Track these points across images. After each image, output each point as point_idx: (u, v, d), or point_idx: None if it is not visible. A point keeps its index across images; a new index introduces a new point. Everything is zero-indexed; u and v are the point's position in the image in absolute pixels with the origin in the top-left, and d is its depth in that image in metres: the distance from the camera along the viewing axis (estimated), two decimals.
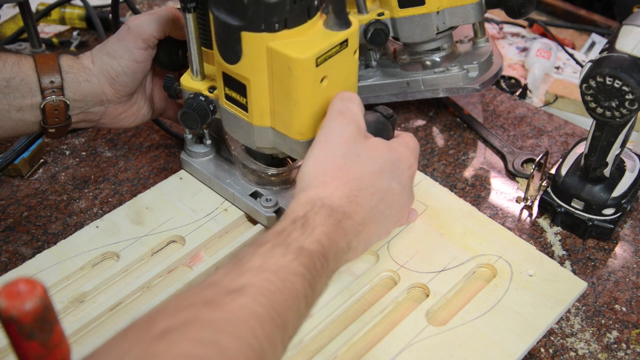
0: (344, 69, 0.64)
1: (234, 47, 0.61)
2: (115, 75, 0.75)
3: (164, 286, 0.69)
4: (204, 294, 0.48)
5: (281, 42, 0.60)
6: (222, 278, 0.49)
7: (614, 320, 0.74)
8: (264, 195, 0.74)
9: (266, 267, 0.50)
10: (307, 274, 0.52)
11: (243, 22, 0.59)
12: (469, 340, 0.63)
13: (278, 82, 0.62)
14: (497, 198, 0.88)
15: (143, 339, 0.43)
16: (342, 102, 0.62)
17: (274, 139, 0.67)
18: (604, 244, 0.82)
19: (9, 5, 1.20)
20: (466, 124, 1.00)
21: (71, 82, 0.74)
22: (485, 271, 0.71)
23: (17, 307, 0.37)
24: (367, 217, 0.60)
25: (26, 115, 0.73)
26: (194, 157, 0.80)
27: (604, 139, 0.76)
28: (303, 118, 0.63)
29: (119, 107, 0.79)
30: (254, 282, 0.49)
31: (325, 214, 0.56)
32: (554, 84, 1.11)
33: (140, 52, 0.74)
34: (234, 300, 0.47)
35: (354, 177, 0.59)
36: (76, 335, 0.65)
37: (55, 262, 0.70)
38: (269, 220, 0.73)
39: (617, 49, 0.70)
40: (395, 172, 0.63)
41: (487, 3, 0.90)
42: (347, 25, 0.62)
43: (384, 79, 0.96)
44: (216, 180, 0.77)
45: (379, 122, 0.66)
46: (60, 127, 0.75)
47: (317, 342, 0.64)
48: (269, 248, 0.52)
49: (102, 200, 0.86)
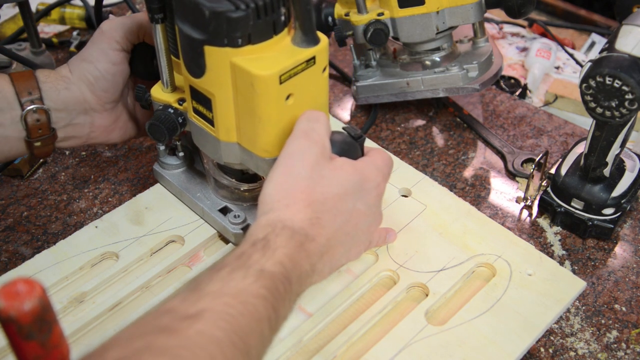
0: (312, 87, 0.62)
1: (197, 60, 0.60)
2: (94, 80, 0.73)
3: (164, 286, 0.69)
4: (158, 321, 0.46)
5: (245, 58, 0.58)
6: (178, 304, 0.47)
7: (613, 320, 0.74)
8: (233, 211, 0.72)
9: (225, 291, 0.48)
10: (270, 296, 0.50)
11: (205, 35, 0.57)
12: (468, 339, 0.63)
13: (242, 98, 0.60)
14: (496, 198, 0.88)
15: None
16: (308, 122, 0.60)
17: (240, 155, 0.65)
18: (604, 243, 0.82)
19: (8, 5, 1.20)
20: (466, 124, 1.00)
21: (49, 91, 0.71)
22: (484, 271, 0.71)
23: (16, 308, 0.37)
24: (331, 239, 0.59)
25: (8, 131, 0.70)
26: (166, 169, 0.77)
27: (603, 138, 0.76)
28: (268, 136, 0.61)
29: (106, 118, 0.76)
30: (212, 306, 0.47)
31: (286, 235, 0.54)
32: (554, 84, 1.11)
33: (115, 54, 0.73)
34: (190, 326, 0.45)
35: (317, 199, 0.58)
36: (75, 336, 0.65)
37: (54, 262, 0.70)
38: (236, 237, 0.71)
39: (617, 48, 0.70)
40: (360, 193, 0.61)
41: (487, 3, 0.90)
42: (314, 42, 0.59)
43: (384, 78, 0.96)
44: (187, 193, 0.75)
45: (345, 142, 0.64)
46: (45, 138, 0.72)
47: (316, 342, 0.64)
48: (228, 272, 0.50)
49: (101, 200, 0.86)
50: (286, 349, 0.62)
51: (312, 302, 0.66)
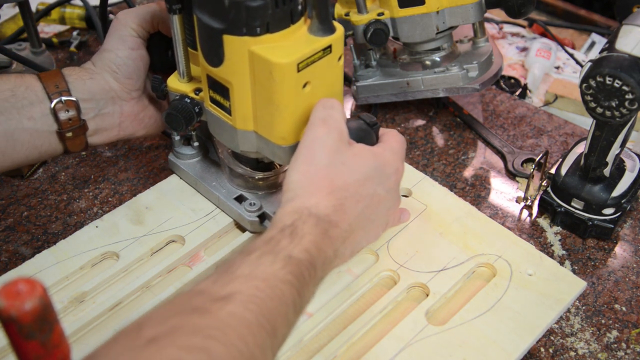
0: (328, 75, 0.63)
1: (216, 50, 0.61)
2: (117, 68, 0.75)
3: (164, 286, 0.69)
4: (192, 302, 0.48)
5: (263, 47, 0.59)
6: (210, 286, 0.49)
7: (613, 320, 0.74)
8: (249, 199, 0.73)
9: (255, 275, 0.50)
10: (296, 282, 0.52)
11: (225, 25, 0.59)
12: (469, 339, 0.63)
13: (260, 87, 0.61)
14: (497, 198, 0.88)
15: (131, 346, 0.43)
16: (325, 109, 0.61)
17: (257, 143, 0.67)
18: (604, 243, 0.82)
19: (9, 5, 1.20)
20: (466, 124, 1.00)
21: (75, 83, 0.73)
22: (484, 271, 0.71)
23: (16, 307, 0.37)
24: (353, 224, 0.60)
25: (38, 125, 0.72)
26: (181, 159, 0.79)
27: (603, 138, 0.76)
28: (285, 123, 0.63)
29: (134, 106, 0.78)
30: (242, 289, 0.49)
31: (312, 223, 0.56)
32: (554, 84, 1.11)
33: (132, 40, 0.75)
34: (222, 308, 0.47)
35: (339, 186, 0.59)
36: (76, 335, 0.65)
37: (55, 262, 0.70)
38: (252, 225, 0.73)
39: (617, 48, 0.70)
40: (380, 178, 0.63)
41: (487, 3, 0.90)
42: (331, 31, 0.61)
43: (384, 78, 0.96)
44: (202, 182, 0.76)
45: (361, 129, 0.65)
46: (76, 129, 0.73)
47: (316, 342, 0.64)
48: (257, 256, 0.52)
49: (102, 200, 0.86)
50: (286, 349, 0.62)
51: (313, 302, 0.66)
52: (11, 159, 0.72)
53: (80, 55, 1.13)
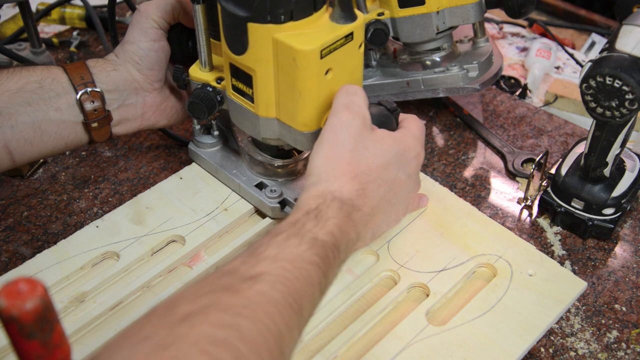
0: (349, 62, 0.65)
1: (240, 38, 0.62)
2: (139, 59, 0.76)
3: (164, 286, 0.69)
4: (222, 281, 0.50)
5: (287, 34, 0.61)
6: (239, 266, 0.51)
7: (614, 320, 0.74)
8: (269, 186, 0.75)
9: (282, 256, 0.52)
10: (321, 263, 0.54)
11: (249, 13, 0.60)
12: (469, 340, 0.63)
13: (283, 74, 0.63)
14: (497, 198, 0.88)
15: (165, 322, 0.45)
16: (347, 95, 0.63)
17: (279, 130, 0.68)
18: (604, 243, 0.82)
19: (9, 5, 1.20)
20: (466, 124, 1.00)
21: (99, 74, 0.75)
22: (485, 271, 0.71)
23: (17, 307, 0.37)
24: (375, 208, 0.62)
25: (65, 115, 0.74)
26: (202, 148, 0.81)
27: (604, 138, 0.76)
28: (307, 110, 0.64)
29: (157, 97, 0.79)
30: (270, 270, 0.51)
31: (336, 206, 0.58)
32: (554, 84, 1.11)
33: (154, 31, 0.76)
34: (251, 287, 0.49)
35: (362, 170, 0.61)
36: (76, 335, 0.65)
37: (55, 262, 0.70)
38: (273, 211, 0.74)
39: (617, 48, 0.70)
40: (401, 163, 0.64)
41: (487, 3, 0.89)
42: (352, 18, 0.62)
43: (384, 78, 0.96)
44: (222, 170, 0.78)
45: (382, 115, 0.67)
46: (101, 119, 0.75)
47: (317, 342, 0.64)
48: (283, 238, 0.54)
49: (102, 200, 0.86)
50: None
51: None
52: (39, 150, 0.74)
53: (80, 55, 1.13)
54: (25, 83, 0.72)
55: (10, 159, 0.73)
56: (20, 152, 0.73)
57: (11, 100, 0.71)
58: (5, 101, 0.70)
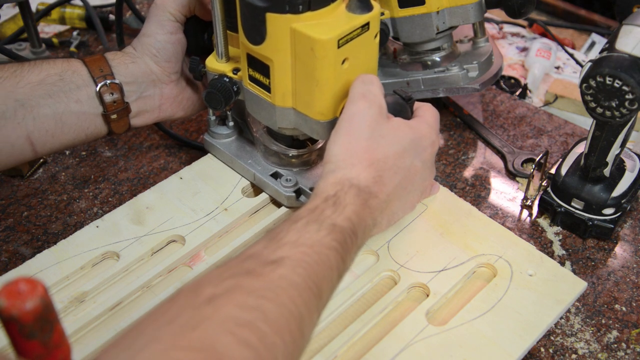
0: (365, 51, 0.65)
1: (258, 28, 0.63)
2: (156, 52, 0.78)
3: (164, 286, 0.69)
4: (244, 265, 0.51)
5: (304, 24, 0.61)
6: (260, 251, 0.53)
7: (614, 320, 0.74)
8: (284, 175, 0.76)
9: (302, 241, 0.54)
10: (340, 248, 0.55)
11: (268, 3, 0.61)
12: (469, 340, 0.63)
13: (300, 63, 0.63)
14: (497, 198, 0.88)
15: (191, 304, 0.47)
16: (364, 84, 0.64)
17: (295, 119, 0.69)
18: (604, 243, 0.82)
19: (9, 5, 1.20)
20: (466, 124, 1.00)
21: (118, 67, 0.77)
22: (485, 271, 0.71)
23: (17, 307, 0.37)
24: (391, 195, 0.63)
25: (85, 107, 0.75)
26: (217, 139, 0.82)
27: (604, 138, 0.76)
28: (324, 99, 0.65)
29: (174, 88, 0.81)
30: (291, 254, 0.52)
31: (353, 193, 0.59)
32: (554, 84, 1.11)
33: (170, 24, 0.77)
34: (273, 271, 0.50)
35: (379, 158, 0.62)
36: (76, 335, 0.65)
37: (55, 262, 0.70)
38: (288, 200, 0.75)
39: (617, 48, 0.70)
40: (417, 151, 0.65)
41: (487, 3, 0.89)
42: (369, 8, 0.63)
43: (384, 78, 0.96)
44: (238, 160, 0.79)
45: (397, 103, 0.68)
46: (120, 111, 0.77)
47: (317, 342, 0.64)
48: (303, 224, 0.55)
49: (102, 200, 0.86)
50: None
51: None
52: (59, 141, 0.75)
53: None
54: (46, 75, 0.73)
55: (32, 150, 0.74)
56: (42, 144, 0.74)
57: (33, 92, 0.72)
58: (27, 93, 0.72)
